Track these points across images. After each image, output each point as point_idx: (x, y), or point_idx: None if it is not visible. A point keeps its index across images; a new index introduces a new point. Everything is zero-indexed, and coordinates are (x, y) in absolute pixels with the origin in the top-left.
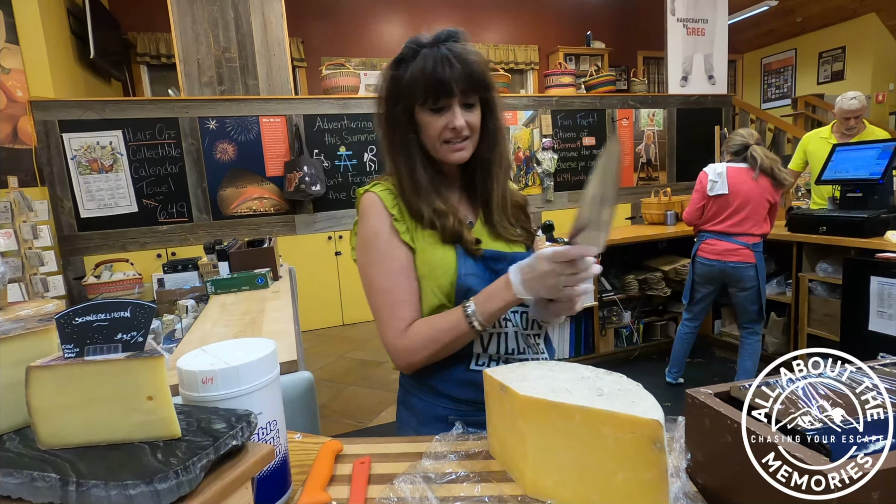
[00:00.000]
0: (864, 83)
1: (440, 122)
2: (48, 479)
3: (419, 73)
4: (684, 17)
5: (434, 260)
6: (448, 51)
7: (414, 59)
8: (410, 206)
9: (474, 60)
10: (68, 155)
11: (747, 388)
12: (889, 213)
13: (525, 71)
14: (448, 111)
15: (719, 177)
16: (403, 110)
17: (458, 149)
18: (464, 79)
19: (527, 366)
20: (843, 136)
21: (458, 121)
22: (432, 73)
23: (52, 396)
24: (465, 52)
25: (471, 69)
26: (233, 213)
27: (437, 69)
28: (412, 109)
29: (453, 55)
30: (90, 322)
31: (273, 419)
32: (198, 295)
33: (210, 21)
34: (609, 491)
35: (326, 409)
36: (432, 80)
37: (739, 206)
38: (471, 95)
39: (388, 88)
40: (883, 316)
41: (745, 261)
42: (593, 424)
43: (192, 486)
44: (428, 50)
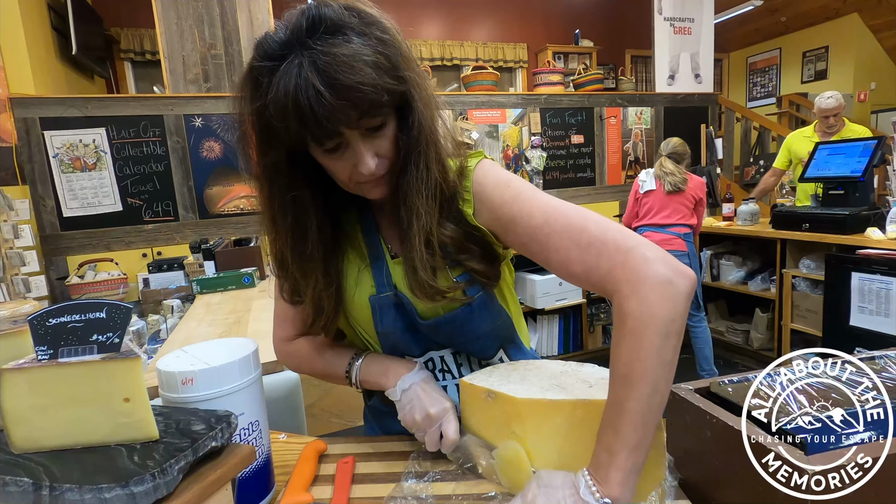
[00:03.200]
0: (846, 82)
1: (344, 163)
2: (20, 483)
3: (281, 108)
4: (671, 16)
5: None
6: (312, 67)
7: (271, 81)
8: (293, 279)
9: (354, 79)
10: (50, 153)
11: (727, 385)
12: (870, 209)
13: (514, 69)
14: (348, 148)
15: (647, 175)
16: (281, 156)
17: (375, 185)
18: (347, 110)
19: (499, 368)
20: (825, 135)
21: (363, 166)
22: (298, 110)
23: (25, 399)
24: (338, 64)
25: (352, 95)
26: (219, 211)
27: (301, 104)
28: (293, 154)
29: (320, 75)
30: (64, 323)
31: (255, 420)
32: (183, 295)
33: (195, 17)
34: None
35: (315, 408)
36: (302, 120)
37: (667, 202)
38: (371, 119)
39: (252, 125)
40: (864, 311)
41: (678, 249)
42: (595, 416)
43: (170, 489)
44: (287, 64)
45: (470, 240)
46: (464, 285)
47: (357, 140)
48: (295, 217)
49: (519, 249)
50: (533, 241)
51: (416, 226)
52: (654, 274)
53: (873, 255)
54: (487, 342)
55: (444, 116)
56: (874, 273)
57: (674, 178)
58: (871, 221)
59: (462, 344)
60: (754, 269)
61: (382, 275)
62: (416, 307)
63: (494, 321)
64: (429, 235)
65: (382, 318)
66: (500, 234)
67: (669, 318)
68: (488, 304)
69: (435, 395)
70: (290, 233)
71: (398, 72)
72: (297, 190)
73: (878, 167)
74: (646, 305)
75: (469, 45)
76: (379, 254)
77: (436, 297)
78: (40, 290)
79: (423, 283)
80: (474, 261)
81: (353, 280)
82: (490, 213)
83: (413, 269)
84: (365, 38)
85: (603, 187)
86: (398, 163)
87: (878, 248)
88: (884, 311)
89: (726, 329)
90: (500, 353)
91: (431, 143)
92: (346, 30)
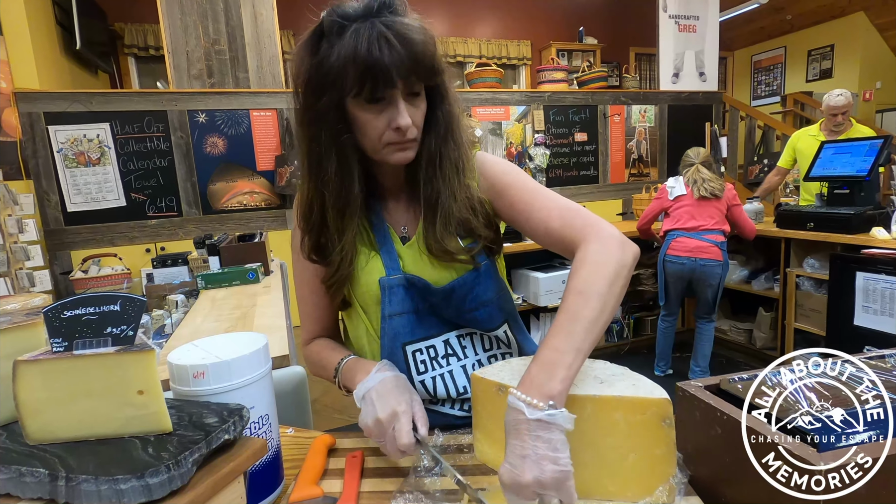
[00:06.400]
0: (851, 81)
1: (380, 120)
2: (36, 473)
3: (349, 57)
4: (676, 14)
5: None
6: (385, 27)
7: (340, 36)
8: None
9: (419, 39)
10: (54, 148)
11: (737, 382)
12: (875, 209)
13: (518, 66)
14: (389, 105)
15: (677, 181)
16: (330, 103)
17: (402, 149)
18: (408, 63)
19: (512, 363)
20: (832, 133)
21: (402, 119)
22: (367, 56)
23: (40, 391)
24: (408, 29)
25: (415, 50)
26: (223, 207)
27: (372, 51)
28: (342, 102)
29: (393, 33)
30: (79, 316)
31: (265, 413)
32: (188, 290)
33: (199, 12)
34: (621, 473)
35: (318, 403)
36: (367, 65)
37: (700, 208)
38: (416, 84)
39: (307, 75)
40: (868, 311)
41: (713, 258)
42: (606, 411)
43: (184, 481)
44: (359, 24)
45: (476, 210)
46: (473, 250)
47: (400, 98)
48: (340, 160)
49: (506, 212)
50: (521, 201)
51: (452, 190)
52: (614, 234)
53: (878, 254)
54: (493, 311)
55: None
56: (879, 273)
57: (712, 184)
58: (877, 221)
59: (470, 312)
60: (758, 268)
61: (392, 258)
62: (428, 280)
63: (498, 290)
64: (461, 199)
65: (391, 299)
66: (495, 199)
67: (622, 263)
68: (492, 271)
69: (388, 399)
70: (336, 175)
71: (439, 62)
72: (344, 134)
73: (883, 166)
74: (606, 248)
75: (473, 41)
76: (387, 240)
77: (452, 259)
78: (44, 284)
79: (446, 245)
80: (482, 228)
81: (363, 262)
82: (489, 181)
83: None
84: (425, 26)
85: (606, 185)
86: (425, 138)
87: (883, 248)
88: (888, 310)
89: (729, 328)
90: (505, 327)
91: (458, 124)
92: (404, 13)
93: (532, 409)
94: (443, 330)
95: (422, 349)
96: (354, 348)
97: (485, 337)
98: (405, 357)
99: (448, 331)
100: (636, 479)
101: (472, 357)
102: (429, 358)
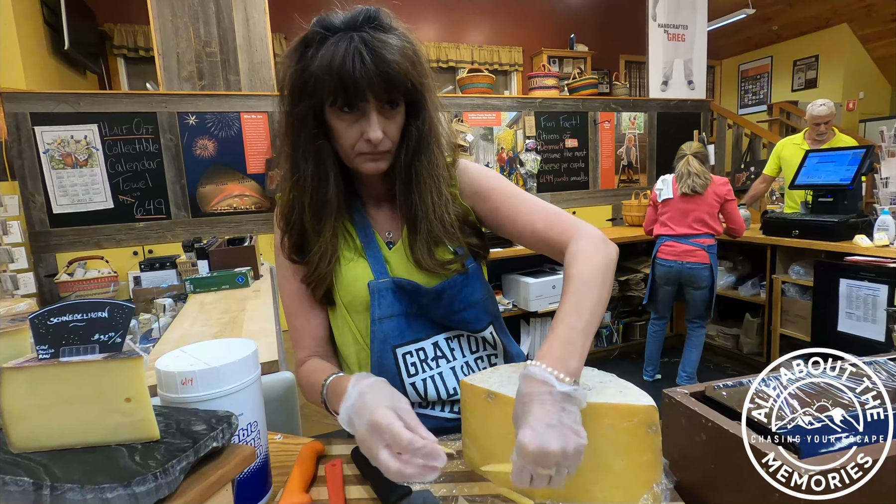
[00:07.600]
0: (835, 91)
1: (353, 129)
2: (20, 483)
3: (325, 67)
4: (665, 23)
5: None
6: (363, 42)
7: (322, 46)
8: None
9: (393, 59)
10: (40, 149)
11: (721, 389)
12: (858, 217)
13: (509, 72)
14: (362, 116)
15: (664, 183)
16: (309, 109)
17: (373, 159)
18: (377, 81)
19: (500, 369)
20: (815, 143)
21: (373, 132)
22: (340, 68)
23: (26, 398)
24: (384, 45)
25: (387, 69)
26: (212, 210)
27: (345, 64)
28: (321, 109)
29: (368, 48)
30: (66, 322)
31: (254, 420)
32: (175, 294)
33: (190, 14)
34: (608, 479)
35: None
36: (340, 77)
37: (685, 210)
38: (392, 95)
39: (290, 81)
40: (851, 317)
41: (699, 261)
42: (594, 418)
43: (172, 489)
44: (339, 36)
45: (461, 218)
46: (462, 257)
47: (373, 111)
48: (316, 163)
49: (490, 217)
50: (506, 205)
51: (429, 205)
52: (598, 233)
53: (861, 262)
54: (480, 312)
55: (443, 119)
56: (862, 280)
57: (697, 179)
58: (860, 229)
59: (458, 313)
60: (745, 275)
61: (379, 262)
62: (417, 281)
63: (484, 292)
64: (439, 213)
65: (381, 302)
66: (479, 205)
67: (609, 257)
68: (479, 274)
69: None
70: (312, 178)
71: (421, 78)
72: (321, 139)
73: (866, 175)
74: (594, 243)
75: (465, 47)
76: (373, 244)
77: (439, 270)
78: (28, 287)
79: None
80: (469, 235)
81: (348, 267)
82: (471, 188)
83: (424, 244)
84: (406, 43)
85: (596, 191)
86: (399, 151)
87: (865, 255)
88: (871, 317)
89: (717, 333)
90: (491, 329)
91: (436, 138)
92: (392, 31)
93: (561, 382)
94: (431, 332)
95: (412, 352)
96: (342, 355)
97: (472, 339)
98: (395, 360)
99: (437, 333)
100: (622, 485)
101: (461, 359)
102: (419, 360)
